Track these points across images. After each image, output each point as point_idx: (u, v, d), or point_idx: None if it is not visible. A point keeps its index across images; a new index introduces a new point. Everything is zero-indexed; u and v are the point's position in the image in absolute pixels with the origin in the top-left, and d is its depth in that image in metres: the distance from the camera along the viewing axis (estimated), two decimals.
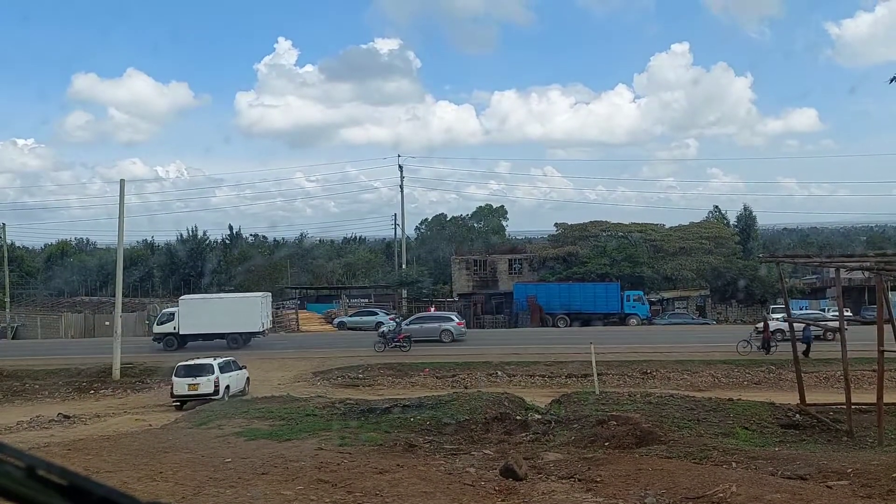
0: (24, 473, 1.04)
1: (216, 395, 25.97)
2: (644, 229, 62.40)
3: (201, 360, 28.11)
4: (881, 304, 18.65)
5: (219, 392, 26.38)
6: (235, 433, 16.99)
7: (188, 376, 26.93)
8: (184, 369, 27.23)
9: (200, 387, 26.46)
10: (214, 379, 26.72)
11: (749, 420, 18.95)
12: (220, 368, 27.31)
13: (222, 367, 27.50)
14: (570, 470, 13.28)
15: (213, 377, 26.70)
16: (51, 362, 35.85)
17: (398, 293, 60.81)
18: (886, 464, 13.03)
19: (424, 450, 15.40)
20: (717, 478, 11.95)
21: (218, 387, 26.58)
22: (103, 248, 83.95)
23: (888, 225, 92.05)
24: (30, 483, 1.03)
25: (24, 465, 1.06)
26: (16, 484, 1.01)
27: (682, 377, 31.17)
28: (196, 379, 26.75)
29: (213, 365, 27.26)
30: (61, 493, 1.04)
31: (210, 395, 25.80)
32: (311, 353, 38.00)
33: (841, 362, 19.46)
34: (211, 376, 26.72)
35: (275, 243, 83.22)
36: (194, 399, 26.02)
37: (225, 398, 25.78)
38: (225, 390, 26.84)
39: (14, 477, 1.03)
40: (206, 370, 26.98)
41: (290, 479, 12.20)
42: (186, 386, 26.71)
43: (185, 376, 26.96)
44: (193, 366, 27.44)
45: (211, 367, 27.07)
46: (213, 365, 27.25)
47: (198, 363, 27.73)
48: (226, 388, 27.01)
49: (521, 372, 32.41)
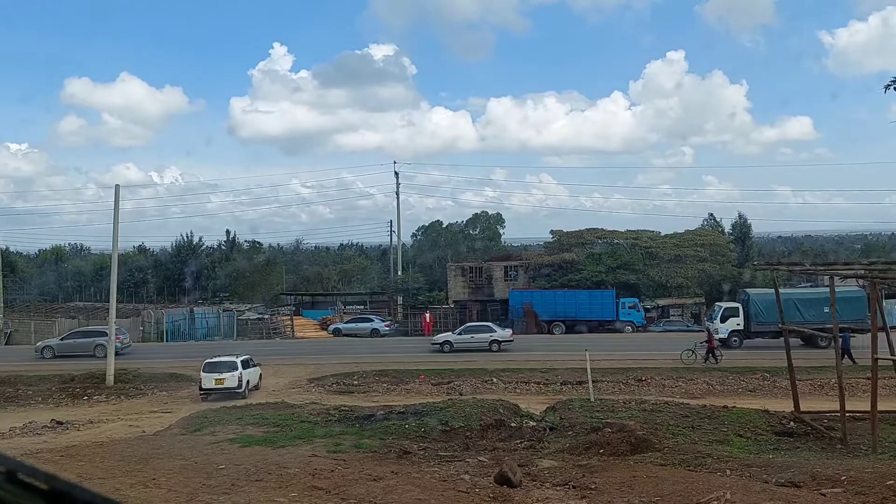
0: (3, 477, 1.03)
1: (239, 389, 28.77)
2: (639, 237, 62.43)
3: (226, 358, 30.44)
4: (875, 312, 18.72)
5: (241, 386, 29.01)
6: (229, 439, 16.95)
7: (215, 372, 29.34)
8: (210, 366, 29.66)
9: (226, 381, 29.01)
10: (238, 375, 29.24)
11: (743, 427, 18.98)
12: (242, 365, 29.82)
13: (244, 364, 30.02)
14: (564, 477, 13.27)
15: (237, 373, 29.24)
16: (44, 368, 35.70)
17: (394, 300, 60.74)
18: (880, 472, 13.04)
19: (419, 456, 15.39)
20: (712, 485, 11.95)
21: (241, 381, 29.13)
22: (97, 254, 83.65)
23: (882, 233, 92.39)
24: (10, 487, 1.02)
25: (5, 469, 1.05)
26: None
27: (676, 384, 31.15)
28: (222, 374, 29.19)
29: (237, 362, 29.84)
30: (44, 498, 1.04)
31: (234, 389, 28.70)
32: (306, 359, 37.92)
33: (835, 370, 19.50)
34: (235, 372, 29.25)
35: (270, 249, 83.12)
36: (220, 392, 28.68)
37: (245, 392, 28.85)
38: (245, 384, 29.40)
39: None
40: (231, 367, 29.48)
41: (283, 486, 12.17)
42: (214, 380, 29.14)
43: (212, 372, 29.36)
44: (220, 363, 29.88)
45: (235, 364, 29.62)
46: (237, 362, 29.82)
47: (224, 360, 30.12)
48: (246, 383, 29.54)
49: (516, 379, 32.36)
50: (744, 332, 39.30)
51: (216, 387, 28.95)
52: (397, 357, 37.47)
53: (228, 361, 29.98)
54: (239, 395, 28.38)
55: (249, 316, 57.86)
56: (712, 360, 34.03)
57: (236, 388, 28.79)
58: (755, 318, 38.65)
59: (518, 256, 65.12)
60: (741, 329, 39.29)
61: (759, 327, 38.49)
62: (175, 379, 33.58)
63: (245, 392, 28.84)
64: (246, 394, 28.74)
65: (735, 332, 39.25)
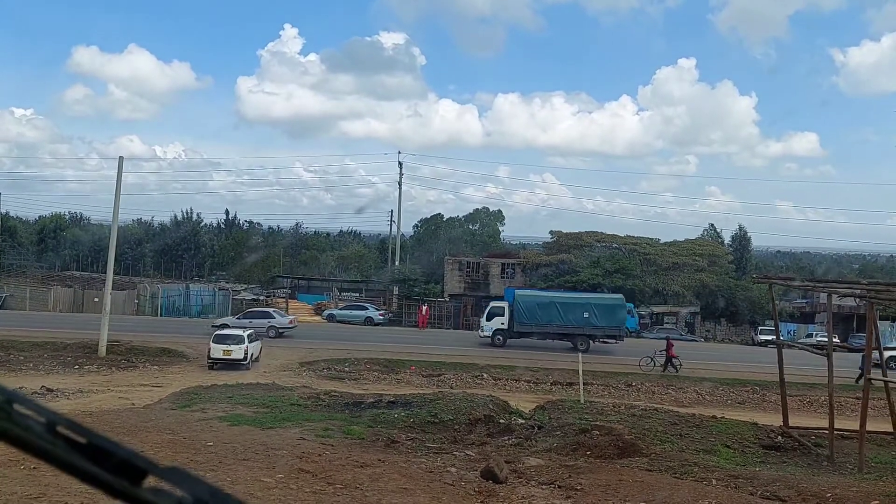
0: (44, 429, 1.05)
1: (244, 361, 30.86)
2: (639, 242, 62.49)
3: (234, 332, 32.82)
4: (871, 332, 18.76)
5: (247, 359, 31.09)
6: (219, 417, 16.97)
7: (223, 343, 31.30)
8: (219, 338, 31.74)
9: (233, 353, 30.90)
10: (245, 348, 31.16)
11: (731, 439, 19.02)
12: (248, 339, 31.82)
13: (249, 338, 31.99)
14: (550, 476, 13.31)
15: (244, 346, 31.19)
16: (37, 335, 35.63)
17: (389, 290, 60.78)
18: (865, 490, 13.11)
19: (406, 446, 15.42)
20: (697, 494, 12.00)
21: (247, 354, 31.16)
22: (97, 224, 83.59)
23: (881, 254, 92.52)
24: (50, 438, 1.04)
25: (45, 420, 1.06)
26: (37, 438, 1.02)
27: (666, 392, 31.25)
28: (230, 346, 31.10)
29: (244, 336, 31.85)
30: (81, 452, 1.05)
31: (240, 361, 30.75)
32: (299, 343, 37.97)
33: (826, 387, 19.55)
34: (242, 345, 31.19)
35: (269, 231, 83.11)
36: (226, 362, 30.61)
37: (250, 364, 31.02)
38: (250, 357, 31.47)
39: (34, 430, 1.03)
40: (239, 340, 31.49)
41: (270, 467, 12.20)
42: (222, 351, 31.04)
43: (221, 343, 31.33)
44: (228, 335, 32.10)
45: (242, 339, 31.61)
46: (244, 336, 31.84)
47: (232, 333, 32.39)
48: (251, 356, 31.62)
49: (507, 376, 32.45)
50: (507, 332, 39.62)
51: (223, 357, 30.79)
52: (389, 346, 37.54)
53: (236, 335, 32.02)
54: (244, 366, 30.44)
55: (245, 296, 57.86)
56: (671, 369, 34.06)
57: (241, 360, 30.76)
58: (518, 318, 39.08)
59: (516, 254, 65.18)
60: (505, 328, 39.63)
61: (522, 327, 39.05)
62: (167, 354, 33.63)
63: (249, 364, 30.97)
64: (250, 365, 30.89)
65: (499, 331, 39.70)
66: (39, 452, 1.03)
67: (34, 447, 1.03)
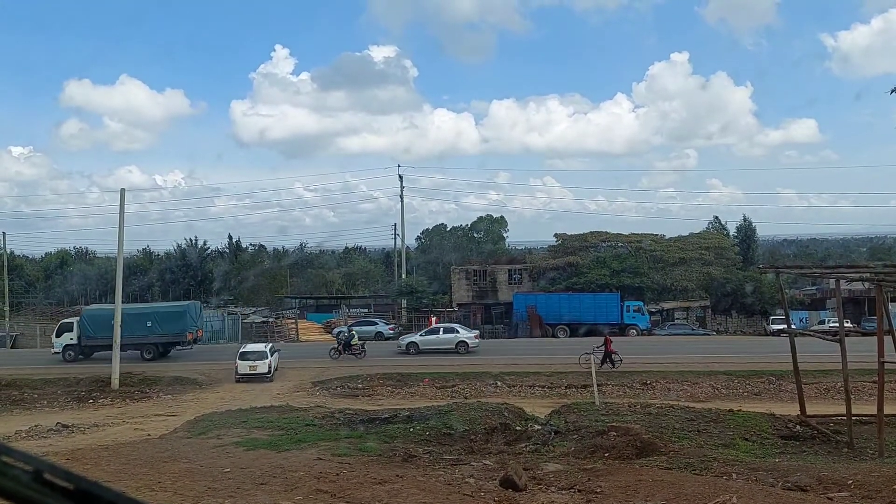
0: (30, 477, 1.04)
1: (268, 374, 33.64)
2: (644, 240, 62.43)
3: (257, 348, 35.76)
4: (881, 315, 18.66)
5: (270, 372, 33.83)
6: (234, 443, 16.94)
7: (248, 360, 33.81)
8: (244, 355, 34.18)
9: (258, 368, 33.54)
10: (268, 362, 33.85)
11: (749, 431, 18.93)
12: (270, 353, 34.63)
13: (271, 352, 34.84)
14: (569, 481, 13.24)
15: (267, 360, 33.85)
16: (49, 371, 35.74)
17: (398, 303, 60.79)
18: (887, 475, 13.00)
19: (424, 460, 15.37)
20: (718, 489, 11.91)
21: (270, 368, 33.86)
22: (102, 258, 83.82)
23: (888, 236, 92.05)
24: (36, 487, 1.03)
25: (31, 468, 1.06)
26: (22, 487, 1.01)
27: (682, 388, 31.09)
28: (255, 362, 33.69)
29: (267, 351, 34.70)
30: (69, 498, 1.04)
31: (265, 374, 33.45)
32: (311, 362, 37.95)
33: (841, 373, 19.44)
34: (265, 360, 33.85)
35: (274, 253, 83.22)
36: (253, 377, 33.21)
37: (273, 376, 33.80)
38: (273, 370, 34.18)
39: (21, 480, 1.03)
40: (262, 356, 34.11)
41: (289, 490, 12.16)
42: (248, 367, 33.57)
43: (246, 360, 33.83)
44: (253, 352, 34.74)
45: (265, 354, 34.34)
46: (266, 351, 34.69)
47: (256, 350, 35.16)
48: (274, 369, 34.35)
49: (521, 382, 32.32)
50: (79, 347, 40.35)
51: (250, 372, 33.36)
52: (401, 361, 37.50)
53: (259, 351, 34.76)
54: (267, 379, 33.25)
55: (254, 319, 57.92)
56: (609, 365, 33.92)
57: (266, 374, 33.50)
58: (85, 334, 40.14)
59: (522, 259, 65.13)
60: (76, 343, 40.49)
61: (90, 342, 39.91)
62: (180, 382, 33.64)
63: (272, 376, 33.73)
64: (273, 377, 33.65)
65: (70, 347, 40.50)
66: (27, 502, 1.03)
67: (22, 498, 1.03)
